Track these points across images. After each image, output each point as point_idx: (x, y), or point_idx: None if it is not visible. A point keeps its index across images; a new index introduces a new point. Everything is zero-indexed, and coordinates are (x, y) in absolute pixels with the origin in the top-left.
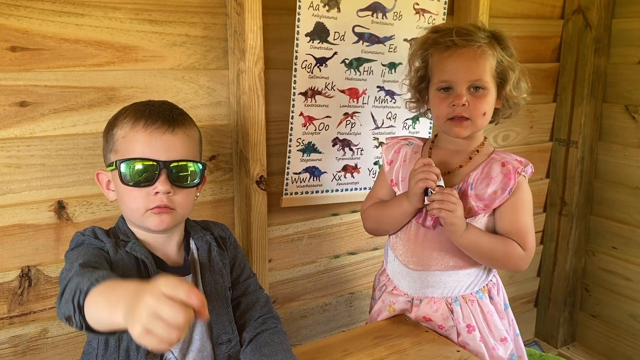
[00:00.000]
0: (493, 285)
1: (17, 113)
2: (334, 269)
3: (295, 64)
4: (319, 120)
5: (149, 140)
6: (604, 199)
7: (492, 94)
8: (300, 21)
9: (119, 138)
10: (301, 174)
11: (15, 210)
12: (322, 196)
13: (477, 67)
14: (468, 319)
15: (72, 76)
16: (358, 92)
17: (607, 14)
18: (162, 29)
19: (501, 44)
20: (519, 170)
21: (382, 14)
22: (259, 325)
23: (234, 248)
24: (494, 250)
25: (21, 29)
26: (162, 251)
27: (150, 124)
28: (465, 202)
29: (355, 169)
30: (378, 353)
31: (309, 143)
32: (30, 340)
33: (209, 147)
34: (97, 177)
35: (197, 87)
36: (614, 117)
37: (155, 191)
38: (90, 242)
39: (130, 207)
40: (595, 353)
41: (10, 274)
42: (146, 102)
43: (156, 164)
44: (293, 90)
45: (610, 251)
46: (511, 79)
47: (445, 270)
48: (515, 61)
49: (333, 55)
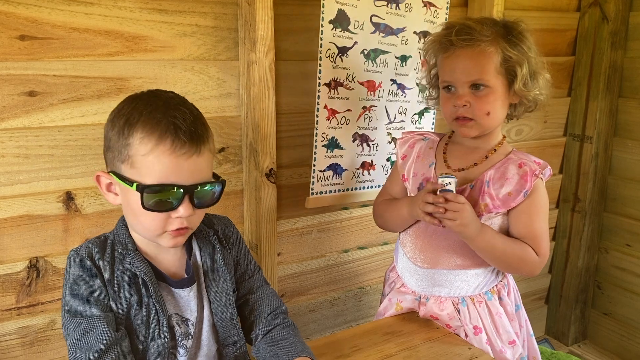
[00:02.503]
0: (503, 286)
1: (25, 103)
2: (343, 263)
3: (320, 52)
4: (340, 114)
5: (175, 164)
6: (618, 196)
7: (496, 92)
8: (325, 7)
9: (138, 155)
10: (325, 172)
11: (23, 200)
12: (344, 195)
13: (475, 66)
14: (475, 320)
15: (81, 66)
16: (375, 85)
17: (624, 7)
18: (172, 18)
19: (510, 38)
20: (537, 172)
21: (396, 5)
22: (271, 322)
23: (238, 244)
24: (509, 254)
25: (30, 17)
26: (163, 257)
27: (179, 148)
28: (480, 199)
29: (371, 166)
30: (388, 349)
31: (332, 138)
32: (38, 331)
33: (219, 139)
34: (96, 179)
35: (207, 78)
36: (630, 112)
37: (178, 215)
38: (84, 278)
39: (145, 226)
40: (607, 351)
41: (18, 265)
42: (163, 106)
43: (182, 190)
44: (318, 80)
45: (624, 248)
46: (520, 75)
47: (452, 269)
48: (526, 56)
49: (353, 45)
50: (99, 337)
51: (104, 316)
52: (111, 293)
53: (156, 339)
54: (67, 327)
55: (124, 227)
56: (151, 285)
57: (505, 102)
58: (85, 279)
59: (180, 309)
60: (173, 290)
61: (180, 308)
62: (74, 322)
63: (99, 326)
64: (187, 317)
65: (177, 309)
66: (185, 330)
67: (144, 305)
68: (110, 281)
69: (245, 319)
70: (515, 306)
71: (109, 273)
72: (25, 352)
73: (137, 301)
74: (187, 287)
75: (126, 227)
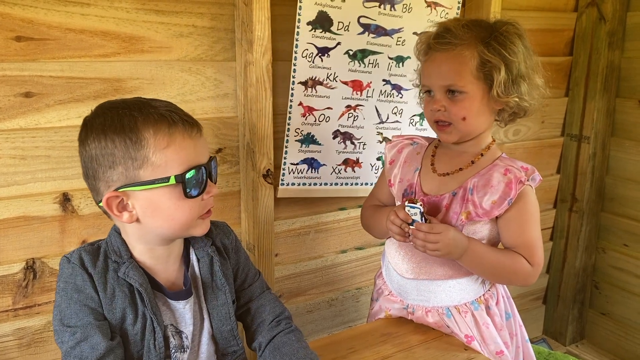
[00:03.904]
0: (492, 296)
1: (22, 104)
2: (341, 264)
3: (296, 53)
4: (319, 112)
5: (194, 146)
6: (616, 196)
7: (473, 97)
8: (302, 9)
9: (158, 151)
10: (299, 165)
11: (20, 202)
12: (321, 189)
13: (448, 71)
14: (465, 329)
15: (78, 67)
16: (362, 85)
17: (622, 7)
18: (169, 19)
19: (489, 42)
20: (522, 179)
21: (391, 6)
22: (273, 329)
23: (236, 252)
24: (500, 268)
25: (26, 18)
26: (161, 267)
27: (189, 129)
28: (463, 207)
29: (356, 164)
30: (385, 351)
31: (308, 134)
32: (34, 332)
33: (216, 140)
34: (106, 204)
35: (204, 78)
36: (627, 113)
37: (211, 195)
38: (77, 287)
39: (182, 220)
40: (604, 351)
41: (15, 266)
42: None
43: (206, 168)
44: (292, 79)
45: (621, 248)
46: (496, 80)
47: (434, 280)
48: (505, 60)
49: (336, 45)
50: (93, 346)
51: (98, 325)
52: (104, 301)
53: (151, 350)
54: (61, 336)
55: (118, 235)
56: (146, 296)
57: (486, 107)
58: (79, 287)
59: (176, 320)
60: (169, 301)
61: (176, 319)
62: (69, 331)
63: (94, 335)
64: (182, 330)
65: (172, 320)
66: (180, 342)
67: (140, 315)
68: (103, 289)
69: (247, 328)
70: (505, 314)
71: (101, 281)
72: (22, 354)
73: (133, 311)
74: (184, 299)
75: (120, 236)
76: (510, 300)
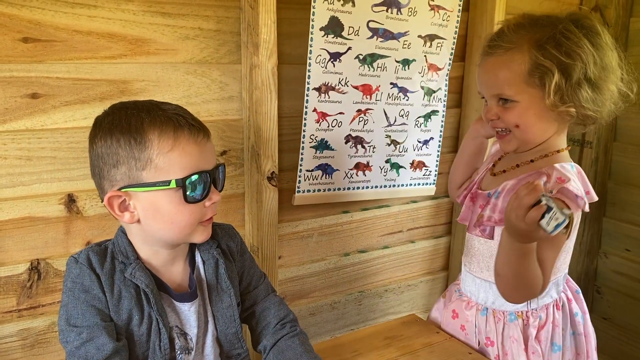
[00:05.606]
0: (536, 317)
1: (28, 105)
2: (344, 266)
3: (310, 59)
4: (332, 117)
5: (199, 151)
6: (618, 201)
7: (525, 105)
8: (315, 15)
9: (162, 153)
10: (314, 172)
11: (25, 202)
12: (334, 194)
13: (495, 79)
14: (490, 332)
15: (84, 68)
16: (371, 89)
17: (625, 13)
18: (175, 21)
19: (543, 44)
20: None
21: (397, 10)
22: (278, 332)
23: (242, 255)
24: (531, 274)
25: (33, 20)
26: (167, 269)
27: (196, 135)
28: (484, 209)
29: (367, 167)
30: (389, 354)
31: (322, 140)
32: (38, 333)
33: (221, 142)
34: (108, 203)
35: (210, 81)
36: (630, 118)
37: (212, 202)
38: (85, 287)
39: (181, 225)
40: (606, 356)
41: (19, 267)
42: (149, 106)
43: (209, 174)
44: (307, 85)
45: (623, 253)
46: (547, 87)
47: (476, 277)
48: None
49: (347, 50)
50: (99, 347)
51: (104, 326)
52: (111, 302)
53: (157, 351)
54: (67, 336)
55: (124, 236)
56: (152, 297)
57: (546, 114)
58: (86, 287)
59: (181, 322)
60: (174, 302)
61: (181, 321)
62: (75, 331)
63: (100, 336)
64: (187, 332)
65: (177, 322)
66: (185, 344)
67: (146, 316)
68: (109, 290)
69: (253, 331)
70: (553, 344)
71: (108, 282)
72: (26, 355)
73: (139, 312)
74: (189, 301)
75: (126, 237)
76: (580, 338)
